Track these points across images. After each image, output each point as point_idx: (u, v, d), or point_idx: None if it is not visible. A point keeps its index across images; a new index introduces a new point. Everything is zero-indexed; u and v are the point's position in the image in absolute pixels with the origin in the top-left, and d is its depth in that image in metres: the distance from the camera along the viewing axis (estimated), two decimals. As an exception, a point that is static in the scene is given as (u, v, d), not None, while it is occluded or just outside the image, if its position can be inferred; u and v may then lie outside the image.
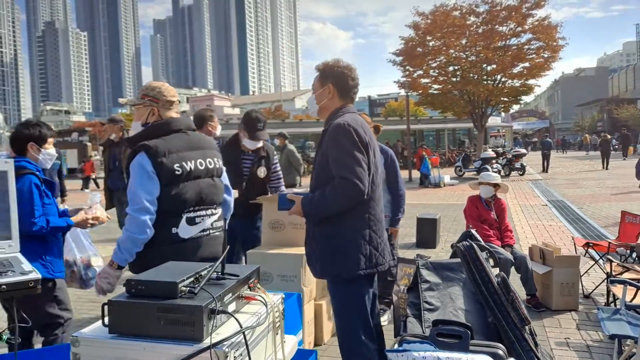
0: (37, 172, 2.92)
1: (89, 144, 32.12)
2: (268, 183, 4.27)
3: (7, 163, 1.77)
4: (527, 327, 2.40)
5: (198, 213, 2.46)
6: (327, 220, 2.47)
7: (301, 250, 3.87)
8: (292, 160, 10.48)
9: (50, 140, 3.08)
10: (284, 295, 2.04)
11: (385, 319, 4.31)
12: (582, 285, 5.11)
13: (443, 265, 2.88)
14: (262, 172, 4.15)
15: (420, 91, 25.93)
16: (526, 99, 33.70)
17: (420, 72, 25.36)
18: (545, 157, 23.21)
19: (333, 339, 4.12)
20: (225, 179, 2.74)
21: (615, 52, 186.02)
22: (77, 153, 30.14)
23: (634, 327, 3.10)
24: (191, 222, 2.43)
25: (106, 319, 1.65)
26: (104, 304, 1.66)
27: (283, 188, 4.39)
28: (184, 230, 2.41)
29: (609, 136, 24.99)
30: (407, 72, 25.50)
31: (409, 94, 22.99)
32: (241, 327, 1.62)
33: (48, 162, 3.08)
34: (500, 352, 2.05)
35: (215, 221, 2.55)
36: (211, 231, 2.51)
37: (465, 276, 2.77)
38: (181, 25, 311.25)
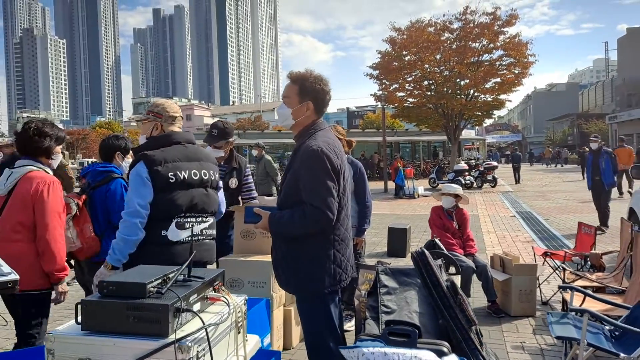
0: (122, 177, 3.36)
1: (66, 152, 31.80)
2: (240, 194, 4.41)
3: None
4: (473, 328, 2.61)
5: (188, 219, 2.65)
6: (293, 240, 2.56)
7: (270, 258, 4.05)
8: (269, 170, 10.68)
9: (131, 152, 3.44)
10: (247, 297, 2.21)
11: (351, 325, 4.48)
12: (540, 293, 5.37)
13: (400, 270, 3.08)
14: (233, 183, 4.28)
15: (396, 104, 26.42)
16: (499, 113, 34.49)
17: (396, 85, 25.88)
18: (516, 170, 23.88)
19: (301, 344, 4.28)
20: (221, 192, 2.94)
21: (586, 68, 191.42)
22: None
23: (579, 329, 3.33)
24: (181, 226, 2.62)
25: (79, 317, 1.80)
26: (77, 304, 1.81)
27: (255, 199, 4.51)
28: (173, 234, 2.59)
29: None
30: (384, 86, 25.98)
31: (385, 106, 23.42)
32: (204, 324, 1.78)
33: (126, 170, 3.41)
34: (445, 349, 2.25)
35: (205, 228, 2.73)
36: (200, 237, 2.68)
37: (420, 281, 2.97)
38: (162, 35, 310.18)
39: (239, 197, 4.40)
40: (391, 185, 20.55)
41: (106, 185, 3.34)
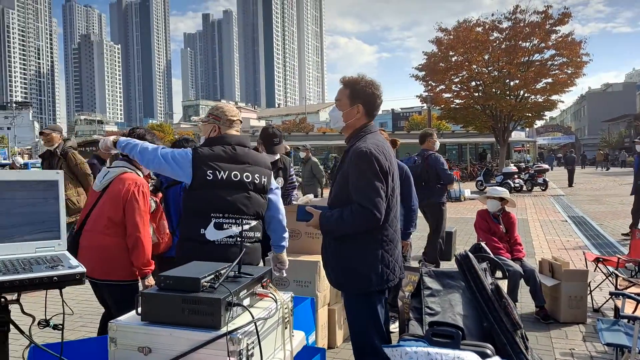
0: None
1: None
2: (283, 192, 4.58)
3: (58, 174, 2.07)
4: (518, 332, 2.60)
5: (226, 220, 2.74)
6: (343, 239, 2.64)
7: (316, 257, 4.14)
8: (315, 172, 10.84)
9: None
10: (293, 294, 2.29)
11: (395, 326, 4.51)
12: (591, 299, 5.22)
13: (444, 273, 3.10)
14: (279, 182, 4.45)
15: (442, 105, 26.05)
16: (551, 114, 33.47)
17: (443, 86, 25.51)
18: (570, 172, 23.32)
19: (345, 344, 4.34)
20: (275, 196, 3.04)
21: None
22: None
23: (630, 337, 3.24)
24: (219, 227, 2.73)
25: (139, 309, 1.93)
26: (137, 295, 1.95)
27: (294, 195, 4.70)
28: (211, 233, 2.71)
29: None
30: (430, 87, 25.67)
31: (431, 108, 23.15)
32: (253, 318, 1.88)
33: None
34: (488, 351, 2.26)
35: (245, 231, 2.78)
36: (238, 239, 2.74)
37: (464, 284, 2.98)
38: (210, 39, 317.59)
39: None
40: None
41: (180, 185, 3.50)
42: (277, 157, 4.44)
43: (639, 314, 3.88)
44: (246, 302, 2.01)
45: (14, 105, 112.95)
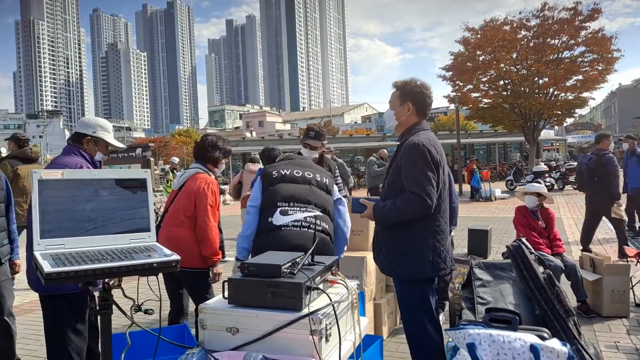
0: None
1: (151, 158, 33.80)
2: None
3: (146, 172, 2.29)
4: (571, 319, 2.71)
5: (291, 207, 2.96)
6: (396, 228, 2.79)
7: (363, 253, 4.30)
8: (342, 173, 11.01)
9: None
10: (359, 282, 2.46)
11: (441, 319, 4.63)
12: (633, 294, 5.24)
13: (494, 264, 3.22)
14: None
15: (470, 105, 25.91)
16: (581, 111, 32.82)
17: (470, 86, 25.37)
18: None
19: (390, 337, 4.49)
20: (343, 208, 3.28)
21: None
22: (140, 167, 31.79)
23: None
24: (284, 213, 2.95)
25: (226, 293, 2.12)
26: (224, 281, 2.14)
27: (344, 197, 4.84)
28: (277, 219, 2.92)
29: None
30: (457, 87, 25.57)
31: (459, 108, 23.08)
32: (331, 300, 2.05)
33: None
34: (545, 335, 2.38)
35: (309, 216, 2.96)
36: (304, 224, 2.91)
37: (514, 275, 3.10)
38: (234, 45, 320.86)
39: None
40: (466, 187, 20.23)
41: None
42: (316, 154, 4.57)
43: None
44: (321, 287, 2.18)
45: (46, 114, 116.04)
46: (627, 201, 9.65)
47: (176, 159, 17.56)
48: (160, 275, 2.01)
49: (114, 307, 2.01)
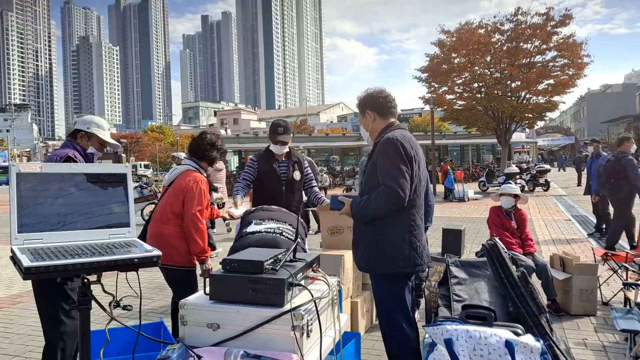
0: None
1: (123, 155, 33.24)
2: (302, 185, 4.77)
3: (126, 167, 2.26)
4: (543, 315, 2.79)
5: (265, 221, 3.03)
6: (373, 223, 2.84)
7: (341, 252, 4.33)
8: (312, 169, 11.07)
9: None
10: (339, 279, 2.48)
11: (417, 316, 4.70)
12: (600, 293, 5.40)
13: (470, 263, 3.29)
14: (297, 175, 4.66)
15: (445, 107, 26.27)
16: (551, 115, 33.64)
17: (445, 88, 25.73)
18: (579, 172, 23.95)
19: (367, 334, 4.53)
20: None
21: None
22: (111, 163, 31.20)
23: (644, 324, 3.43)
24: (258, 224, 3.00)
25: (207, 289, 2.12)
26: (205, 277, 2.14)
27: (316, 188, 4.89)
28: (251, 228, 2.97)
29: None
30: (432, 88, 25.89)
31: (433, 109, 23.37)
32: (313, 297, 2.07)
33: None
34: (519, 330, 2.44)
35: (282, 226, 3.03)
36: (276, 230, 2.98)
37: (489, 273, 3.17)
38: (210, 41, 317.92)
39: (302, 188, 4.81)
40: (440, 188, 20.49)
41: None
42: (286, 149, 4.60)
43: (650, 303, 4.08)
44: (303, 283, 2.19)
45: (13, 107, 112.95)
46: (592, 203, 9.96)
47: (182, 154, 17.06)
48: (142, 271, 1.99)
49: (93, 303, 1.99)
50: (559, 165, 45.58)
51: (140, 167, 50.99)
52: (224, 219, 4.11)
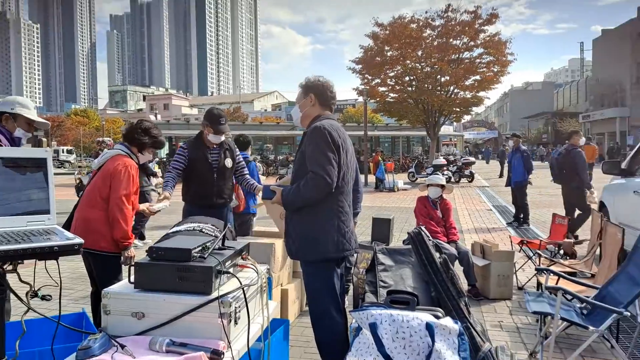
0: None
1: (44, 139, 31.41)
2: (234, 173, 4.76)
3: (47, 152, 2.16)
4: (462, 299, 2.95)
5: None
6: (302, 211, 2.90)
7: (272, 240, 4.36)
8: None
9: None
10: (269, 267, 2.50)
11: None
12: (516, 278, 5.77)
13: (396, 250, 3.41)
14: (228, 162, 4.64)
15: (377, 99, 26.80)
16: (477, 110, 35.21)
17: (378, 80, 26.24)
18: (502, 164, 25.22)
19: (297, 320, 4.60)
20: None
21: (562, 67, 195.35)
22: (30, 147, 29.37)
23: (553, 306, 3.70)
24: (179, 224, 2.96)
25: (132, 277, 2.07)
26: (130, 265, 2.09)
27: (248, 176, 4.90)
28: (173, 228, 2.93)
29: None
30: (366, 80, 26.32)
31: (367, 101, 23.79)
32: (241, 284, 2.08)
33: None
34: (439, 314, 2.57)
35: (205, 225, 2.98)
36: (196, 228, 2.91)
37: (414, 260, 3.30)
38: (139, 22, 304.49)
39: (234, 176, 4.81)
40: (371, 178, 20.95)
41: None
42: (223, 138, 4.60)
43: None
44: (231, 271, 2.19)
45: None
46: (512, 194, 10.58)
47: (108, 139, 15.94)
48: (64, 260, 1.92)
49: (9, 293, 1.89)
50: (486, 158, 47.81)
51: (63, 152, 48.42)
52: (142, 215, 4.03)
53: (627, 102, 43.06)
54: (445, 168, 21.60)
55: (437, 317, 2.47)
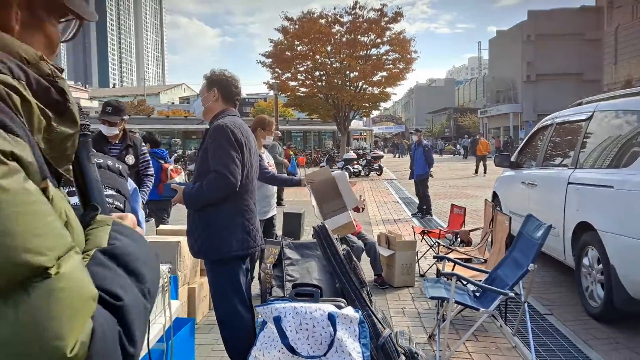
0: None
1: None
2: (138, 170, 4.59)
3: None
4: (364, 289, 3.07)
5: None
6: (206, 209, 2.86)
7: (177, 238, 4.26)
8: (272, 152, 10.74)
9: None
10: (170, 265, 2.46)
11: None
12: (418, 266, 6.08)
13: (303, 244, 3.48)
14: (130, 159, 4.46)
15: (288, 93, 26.95)
16: (385, 105, 36.44)
17: (289, 75, 26.37)
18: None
19: (204, 319, 4.55)
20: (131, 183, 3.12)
21: (462, 65, 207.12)
22: None
23: (449, 291, 3.96)
24: (72, 194, 2.79)
25: None
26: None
27: (152, 175, 4.76)
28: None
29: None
30: (276, 74, 26.36)
31: (277, 95, 23.83)
32: (140, 285, 2.02)
33: None
34: (342, 304, 2.67)
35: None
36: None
37: (319, 253, 3.38)
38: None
39: (138, 174, 4.64)
40: (283, 172, 21.03)
41: None
42: (116, 131, 4.41)
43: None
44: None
45: None
46: (415, 186, 11.14)
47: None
48: None
49: None
50: (400, 152, 49.38)
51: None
52: None
53: (519, 99, 46.55)
54: (355, 162, 22.19)
55: (340, 307, 2.55)
